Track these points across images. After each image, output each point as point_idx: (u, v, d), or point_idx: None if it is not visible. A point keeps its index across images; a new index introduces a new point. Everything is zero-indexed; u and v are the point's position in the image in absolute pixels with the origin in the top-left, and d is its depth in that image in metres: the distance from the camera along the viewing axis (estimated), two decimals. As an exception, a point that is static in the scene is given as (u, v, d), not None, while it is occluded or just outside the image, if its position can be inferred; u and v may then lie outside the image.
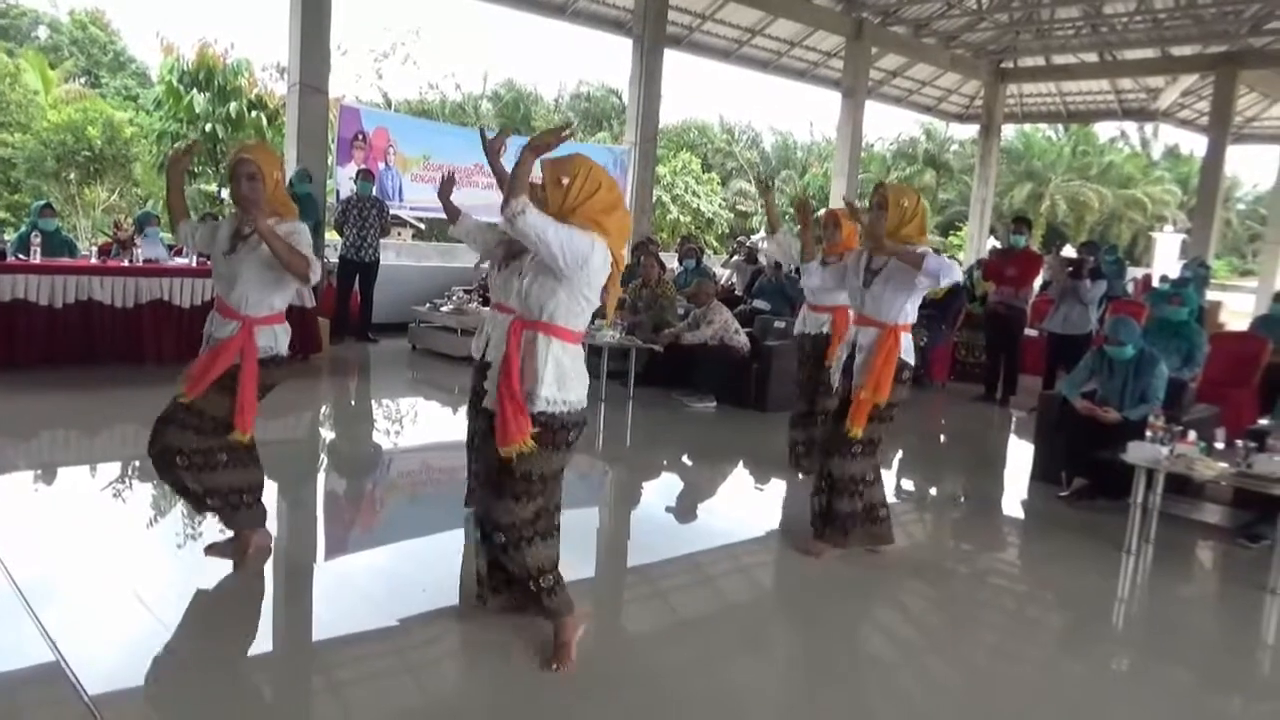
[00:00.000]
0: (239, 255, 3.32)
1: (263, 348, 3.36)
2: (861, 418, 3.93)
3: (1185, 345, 6.27)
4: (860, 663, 3.34)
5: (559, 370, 2.78)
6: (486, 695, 2.88)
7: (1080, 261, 8.14)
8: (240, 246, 3.34)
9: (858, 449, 4.01)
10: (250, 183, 3.27)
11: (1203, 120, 17.55)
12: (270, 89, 16.63)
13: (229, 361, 3.29)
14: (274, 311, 3.41)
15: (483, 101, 30.96)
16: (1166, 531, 4.66)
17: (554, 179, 2.78)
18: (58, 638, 2.90)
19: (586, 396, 2.90)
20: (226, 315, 3.36)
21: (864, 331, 4.03)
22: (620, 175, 13.13)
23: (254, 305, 3.34)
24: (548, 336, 2.78)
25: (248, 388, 3.31)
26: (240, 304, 3.33)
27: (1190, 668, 3.50)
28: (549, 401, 2.77)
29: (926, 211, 4.04)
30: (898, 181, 4.06)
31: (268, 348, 3.38)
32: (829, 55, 16.01)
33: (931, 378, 9.28)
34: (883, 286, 3.94)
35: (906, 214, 3.90)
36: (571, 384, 2.82)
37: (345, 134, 10.55)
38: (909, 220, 3.90)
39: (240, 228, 3.37)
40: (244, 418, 3.32)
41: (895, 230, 3.90)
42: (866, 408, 3.91)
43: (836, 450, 4.05)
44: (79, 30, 27.41)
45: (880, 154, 32.16)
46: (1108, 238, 33.26)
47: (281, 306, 3.45)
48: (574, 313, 2.80)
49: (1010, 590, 4.30)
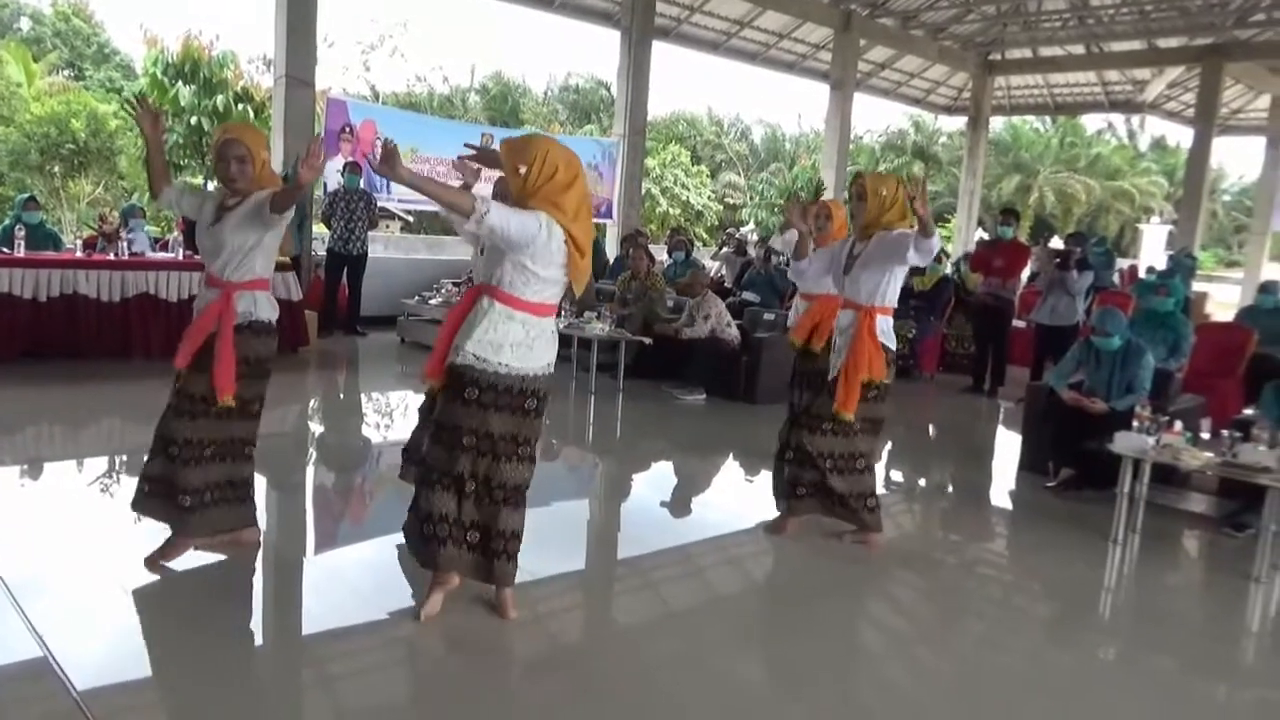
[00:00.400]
0: (223, 222, 3.33)
1: (240, 312, 3.32)
2: (853, 397, 3.95)
3: (1171, 336, 6.31)
4: (850, 653, 3.35)
5: (493, 332, 2.98)
6: (477, 688, 2.88)
7: (1067, 253, 8.18)
8: (225, 216, 3.34)
9: (856, 425, 4.04)
10: (240, 165, 3.28)
11: (1189, 112, 17.63)
12: (256, 81, 16.46)
13: (208, 327, 3.29)
14: (255, 277, 3.39)
15: (471, 94, 30.84)
16: (1153, 521, 4.69)
17: (512, 168, 2.96)
18: (45, 633, 2.88)
19: (533, 366, 3.05)
20: (211, 285, 3.38)
21: (844, 314, 4.12)
22: (609, 168, 13.12)
23: (236, 270, 3.33)
24: (492, 300, 3.00)
25: (224, 351, 3.27)
26: (223, 270, 3.33)
27: (1176, 656, 3.53)
28: (476, 357, 2.98)
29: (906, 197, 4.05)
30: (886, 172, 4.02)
31: (246, 312, 3.34)
32: (817, 47, 16.01)
33: (920, 369, 9.31)
34: (860, 270, 4.01)
35: (885, 202, 3.97)
36: (505, 349, 3.00)
37: (332, 126, 10.48)
38: (889, 207, 3.97)
39: (225, 201, 3.38)
40: (221, 381, 3.28)
41: (876, 219, 3.97)
42: (856, 385, 3.94)
43: (812, 426, 4.09)
44: (62, 22, 27.13)
45: (869, 146, 32.18)
46: (1095, 229, 33.39)
47: (264, 272, 3.42)
48: (518, 283, 2.98)
49: (998, 580, 4.33)
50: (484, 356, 2.99)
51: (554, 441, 5.88)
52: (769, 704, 2.86)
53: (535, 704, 2.79)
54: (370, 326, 9.51)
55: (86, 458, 5.18)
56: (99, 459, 5.15)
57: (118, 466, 4.91)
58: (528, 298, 3.01)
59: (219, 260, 3.34)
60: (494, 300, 3.00)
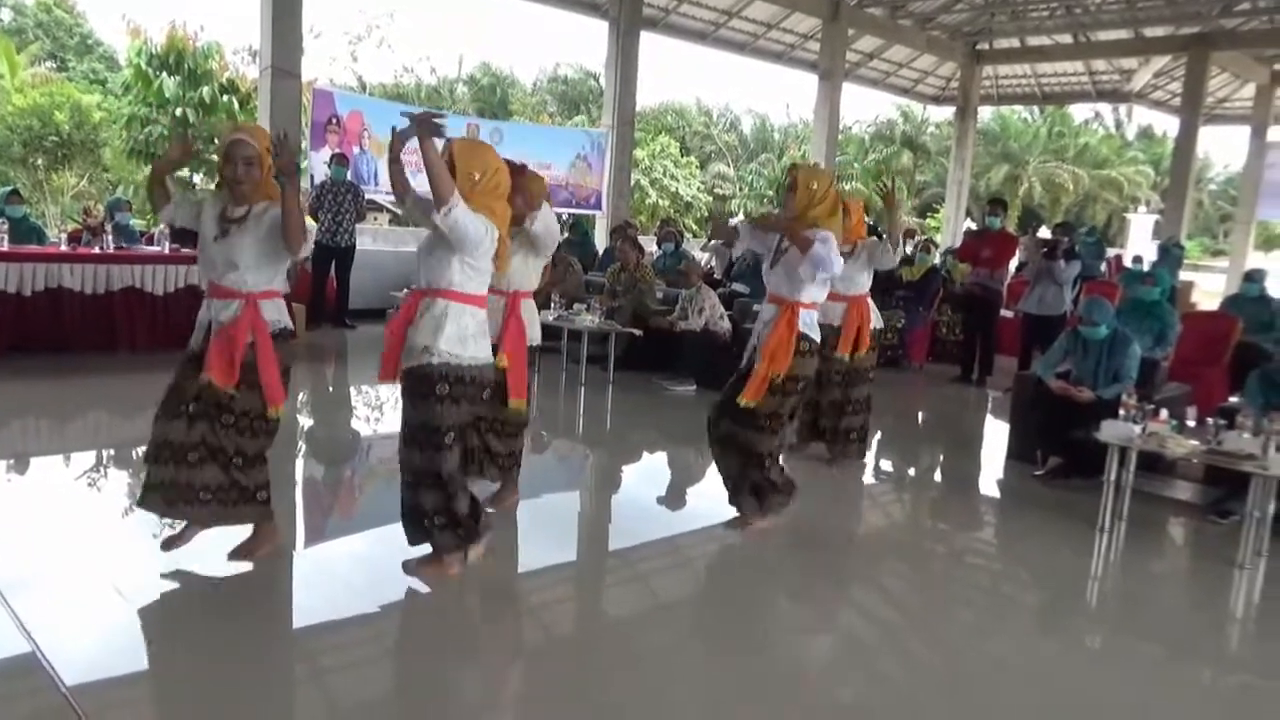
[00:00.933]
0: (231, 239, 3.22)
1: (272, 321, 3.30)
2: (757, 389, 3.94)
3: (1157, 325, 6.35)
4: (839, 642, 3.37)
5: (458, 329, 3.22)
6: (469, 679, 2.89)
7: (1054, 242, 8.20)
8: (232, 230, 3.24)
9: (762, 421, 4.02)
10: (248, 168, 3.20)
11: (1175, 101, 17.70)
12: (242, 72, 16.37)
13: (245, 338, 3.22)
14: (274, 287, 3.34)
15: (459, 85, 30.72)
16: (1139, 509, 4.73)
17: (467, 172, 3.18)
18: (33, 629, 2.87)
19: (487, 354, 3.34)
20: (226, 296, 3.26)
21: (768, 308, 4.14)
22: (598, 159, 13.09)
23: (255, 284, 3.27)
24: (447, 300, 3.22)
25: (268, 363, 3.25)
26: (240, 285, 3.25)
27: (1162, 642, 3.56)
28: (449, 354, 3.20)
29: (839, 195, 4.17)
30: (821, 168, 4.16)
31: (276, 321, 3.32)
32: (806, 37, 15.98)
33: (909, 359, 9.34)
34: (784, 266, 4.04)
35: (815, 196, 3.98)
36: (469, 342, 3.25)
37: (319, 118, 10.43)
38: (818, 202, 3.99)
39: (226, 209, 3.28)
40: (274, 393, 3.28)
41: (805, 211, 3.97)
42: (762, 379, 3.94)
43: (730, 413, 4.09)
44: (43, 13, 26.87)
45: (858, 136, 32.18)
46: (1083, 219, 33.52)
47: (281, 284, 3.39)
48: (467, 280, 3.25)
49: (987, 569, 4.36)
50: (455, 353, 3.20)
51: (544, 434, 5.89)
52: (759, 693, 2.87)
53: (528, 693, 2.80)
54: (359, 319, 9.48)
55: (73, 452, 5.15)
56: (86, 453, 5.13)
57: (104, 461, 4.89)
58: (474, 291, 3.28)
59: (232, 275, 3.24)
60: (449, 300, 3.22)
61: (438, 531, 3.36)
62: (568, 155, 12.86)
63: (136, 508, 3.45)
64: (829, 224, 3.97)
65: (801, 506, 4.37)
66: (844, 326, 5.17)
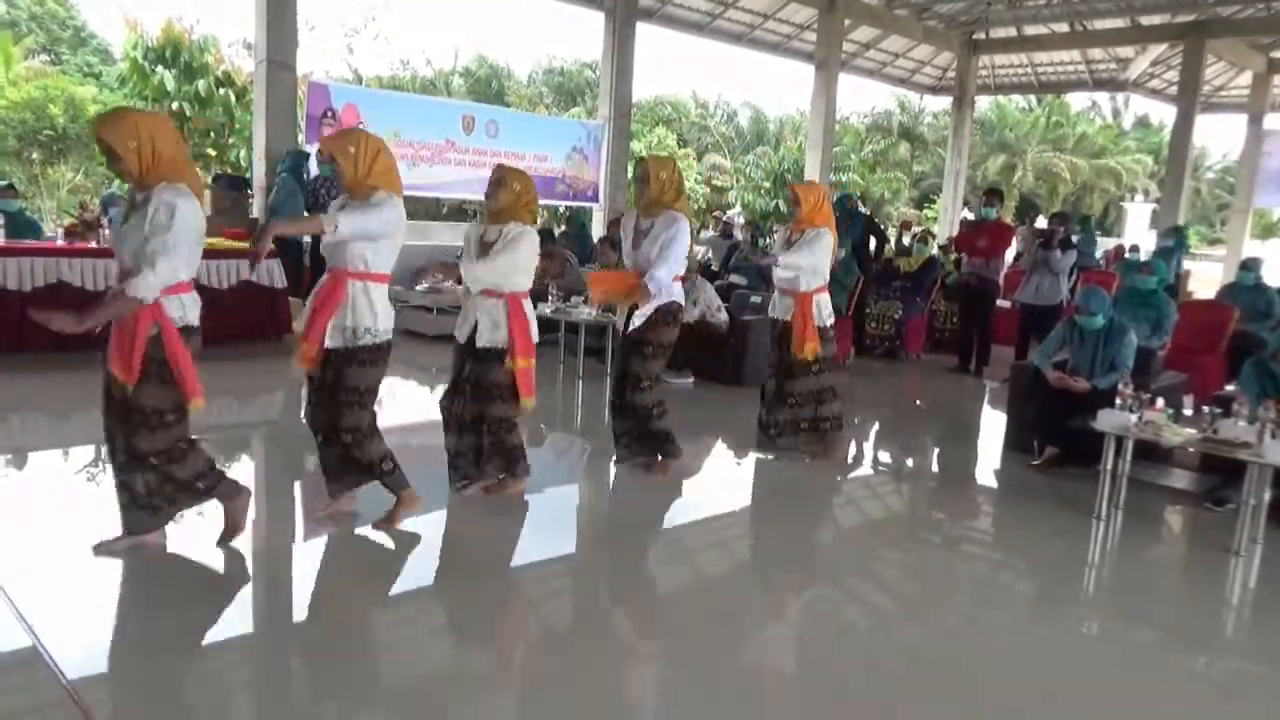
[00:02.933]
0: (132, 224, 3.12)
1: (175, 319, 3.17)
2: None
3: (1154, 314, 6.37)
4: (836, 632, 3.38)
5: (385, 305, 3.61)
6: (467, 672, 2.90)
7: (1051, 232, 8.21)
8: (132, 216, 3.14)
9: (644, 384, 4.64)
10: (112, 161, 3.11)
11: (1172, 90, 17.69)
12: (238, 66, 16.33)
13: (146, 333, 3.10)
14: (179, 280, 3.17)
15: (454, 77, 30.62)
16: (1135, 497, 4.75)
17: (342, 150, 3.48)
18: (34, 622, 2.88)
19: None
20: None
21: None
22: (594, 151, 13.07)
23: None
24: (366, 282, 3.55)
25: (180, 358, 3.16)
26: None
27: (1158, 629, 3.58)
28: (383, 331, 3.61)
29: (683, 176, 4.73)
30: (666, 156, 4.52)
31: (179, 318, 3.19)
32: (802, 28, 15.96)
33: (906, 350, 9.36)
34: (649, 246, 4.50)
35: (665, 184, 4.49)
36: (388, 317, 3.65)
37: (314, 111, 10.40)
38: (669, 189, 4.50)
39: (134, 194, 3.19)
40: (192, 386, 3.22)
41: (658, 198, 4.48)
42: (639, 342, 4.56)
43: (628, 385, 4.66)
44: (37, 5, 26.74)
45: (855, 127, 32.13)
46: (1080, 208, 33.51)
47: (186, 276, 3.20)
48: (380, 261, 3.58)
49: (984, 558, 4.38)
50: (384, 329, 3.62)
51: (542, 427, 5.90)
52: (757, 683, 2.89)
53: (529, 685, 2.81)
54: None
55: (72, 446, 5.16)
56: (85, 448, 5.13)
57: (104, 455, 4.89)
58: (385, 270, 3.61)
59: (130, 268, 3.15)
60: (368, 282, 3.55)
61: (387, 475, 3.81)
62: (564, 147, 12.84)
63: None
64: (680, 206, 4.54)
65: (797, 498, 4.38)
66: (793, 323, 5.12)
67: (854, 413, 7.46)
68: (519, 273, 4.05)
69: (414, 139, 11.18)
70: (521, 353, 4.04)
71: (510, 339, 4.02)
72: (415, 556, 3.72)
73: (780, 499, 4.88)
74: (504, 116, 13.64)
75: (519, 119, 15.25)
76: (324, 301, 3.57)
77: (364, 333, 3.57)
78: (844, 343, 8.79)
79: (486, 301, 4.04)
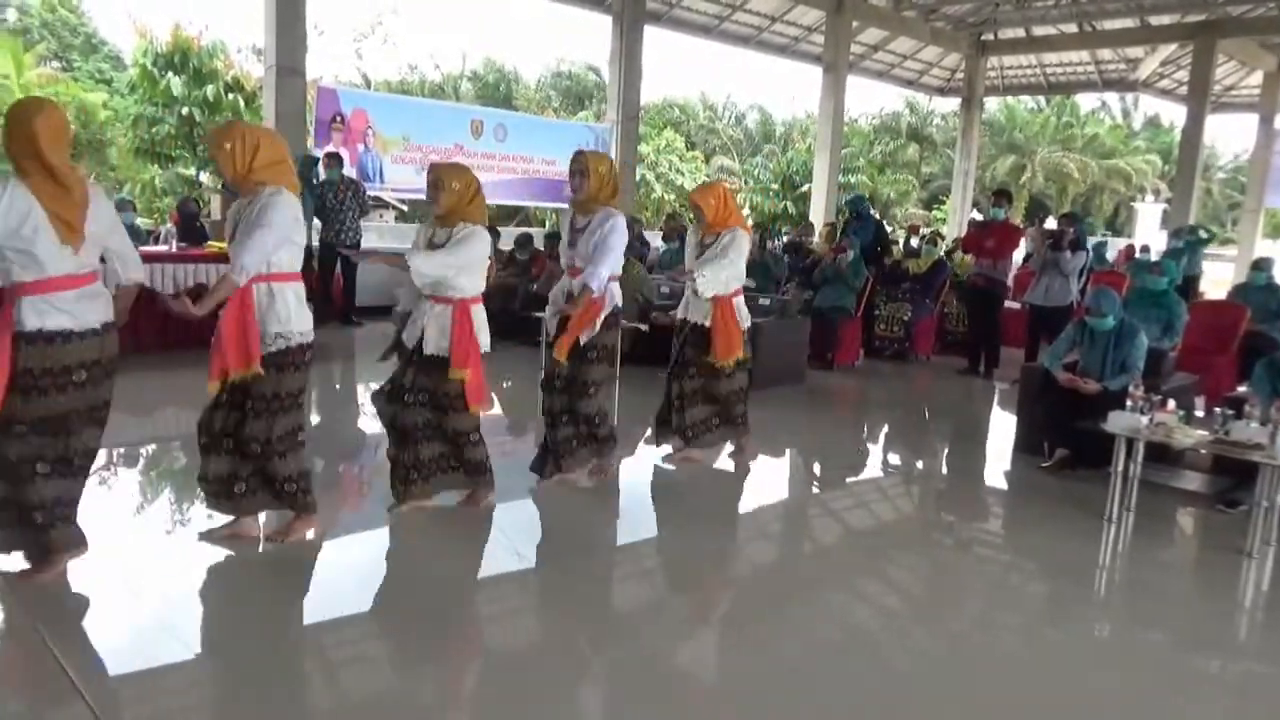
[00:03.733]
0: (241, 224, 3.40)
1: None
2: (565, 346, 4.32)
3: (1165, 315, 6.34)
4: (847, 637, 3.38)
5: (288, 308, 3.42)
6: (477, 676, 2.90)
7: (1060, 233, 8.17)
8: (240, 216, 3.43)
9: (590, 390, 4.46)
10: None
11: (1182, 90, 17.60)
12: (247, 71, 16.44)
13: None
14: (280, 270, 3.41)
15: (463, 81, 30.70)
16: (1147, 499, 4.72)
17: (218, 145, 3.30)
18: (49, 628, 2.90)
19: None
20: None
21: (575, 283, 4.41)
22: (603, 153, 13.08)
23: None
24: (281, 283, 3.39)
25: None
26: None
27: (1170, 631, 3.57)
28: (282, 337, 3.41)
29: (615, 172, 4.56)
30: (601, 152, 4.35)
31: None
32: (810, 30, 15.94)
33: (916, 352, 9.34)
34: (585, 241, 4.35)
35: (604, 179, 4.35)
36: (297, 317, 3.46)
37: (323, 116, 10.46)
38: (606, 184, 4.38)
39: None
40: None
41: (596, 195, 4.34)
42: (570, 339, 4.32)
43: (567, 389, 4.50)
44: (48, 12, 26.93)
45: (863, 129, 32.09)
46: (1090, 209, 33.41)
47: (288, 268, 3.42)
48: (288, 262, 3.41)
49: (994, 560, 4.36)
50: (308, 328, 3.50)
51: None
52: (766, 686, 2.88)
53: (542, 686, 2.81)
54: (366, 316, 9.51)
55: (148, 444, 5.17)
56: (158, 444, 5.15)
57: (115, 459, 4.92)
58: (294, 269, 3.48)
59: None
60: (283, 282, 3.41)
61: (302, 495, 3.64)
62: (572, 150, 12.84)
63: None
64: (612, 205, 4.37)
65: (802, 498, 4.37)
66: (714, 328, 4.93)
67: (864, 415, 7.47)
68: (464, 275, 3.84)
69: (423, 143, 11.22)
70: (461, 362, 3.84)
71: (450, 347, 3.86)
72: (414, 560, 3.72)
73: (788, 500, 4.88)
74: (512, 120, 13.66)
75: (527, 122, 15.28)
76: None
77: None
78: (853, 345, 8.79)
79: (435, 307, 3.89)
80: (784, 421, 6.51)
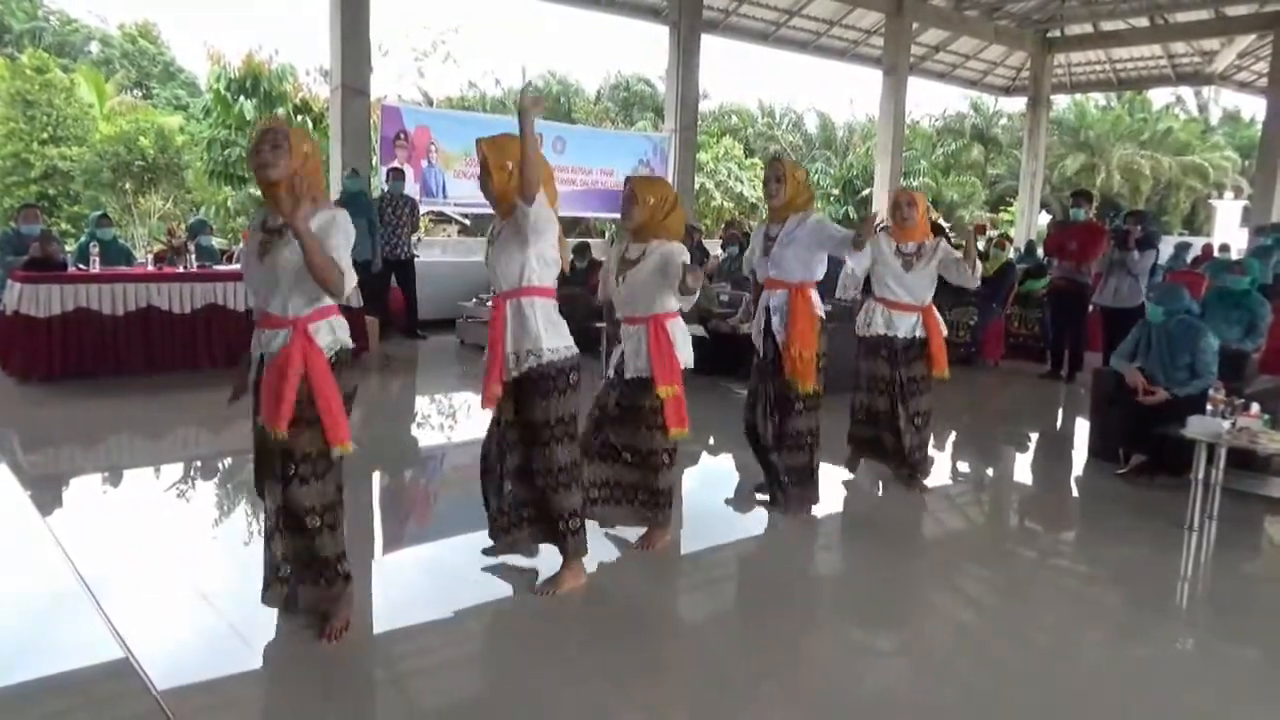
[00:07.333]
0: (271, 256, 2.82)
1: (325, 346, 2.87)
2: (809, 372, 4.17)
3: (1247, 315, 6.09)
4: (918, 646, 3.31)
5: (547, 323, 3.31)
6: (539, 685, 2.91)
7: (1126, 232, 7.88)
8: (272, 245, 2.83)
9: (811, 403, 4.32)
10: (274, 151, 2.75)
11: (1261, 82, 16.94)
12: (314, 92, 16.91)
13: (297, 373, 2.78)
14: (325, 305, 2.90)
15: (523, 96, 31.01)
16: (1231, 507, 4.53)
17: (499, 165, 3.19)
18: (126, 634, 3.00)
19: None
20: (273, 326, 2.85)
21: (774, 295, 4.28)
22: (661, 163, 13.11)
23: (300, 306, 2.83)
24: (531, 299, 3.25)
25: (326, 394, 2.83)
26: (284, 309, 2.83)
27: (1258, 645, 3.41)
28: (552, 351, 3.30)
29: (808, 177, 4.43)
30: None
31: (330, 345, 2.89)
32: (869, 33, 15.78)
33: (984, 357, 9.14)
34: (782, 251, 4.20)
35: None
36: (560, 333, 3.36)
37: (387, 133, 10.68)
38: (803, 190, 4.26)
39: (267, 220, 2.90)
40: (337, 429, 2.88)
41: (792, 200, 4.23)
42: (809, 362, 4.16)
43: (786, 409, 4.34)
44: (129, 43, 28.07)
45: (925, 131, 31.58)
46: (1165, 207, 32.34)
47: (332, 300, 2.92)
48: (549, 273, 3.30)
49: (1070, 570, 4.22)
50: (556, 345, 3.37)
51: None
52: (837, 693, 2.84)
53: (598, 696, 2.81)
54: (429, 329, 9.66)
55: (163, 464, 5.36)
56: (175, 465, 5.33)
57: (193, 473, 5.08)
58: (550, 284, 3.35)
59: (275, 299, 2.87)
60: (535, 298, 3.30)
61: (571, 535, 3.43)
62: (630, 160, 12.90)
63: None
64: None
65: (876, 508, 4.29)
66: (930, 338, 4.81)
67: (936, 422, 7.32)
68: (659, 292, 3.63)
69: (484, 157, 11.37)
70: (663, 379, 3.67)
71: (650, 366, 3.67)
72: (479, 571, 3.75)
73: (865, 513, 4.80)
74: (570, 132, 13.79)
75: (586, 134, 15.39)
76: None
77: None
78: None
79: (629, 328, 3.76)
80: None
